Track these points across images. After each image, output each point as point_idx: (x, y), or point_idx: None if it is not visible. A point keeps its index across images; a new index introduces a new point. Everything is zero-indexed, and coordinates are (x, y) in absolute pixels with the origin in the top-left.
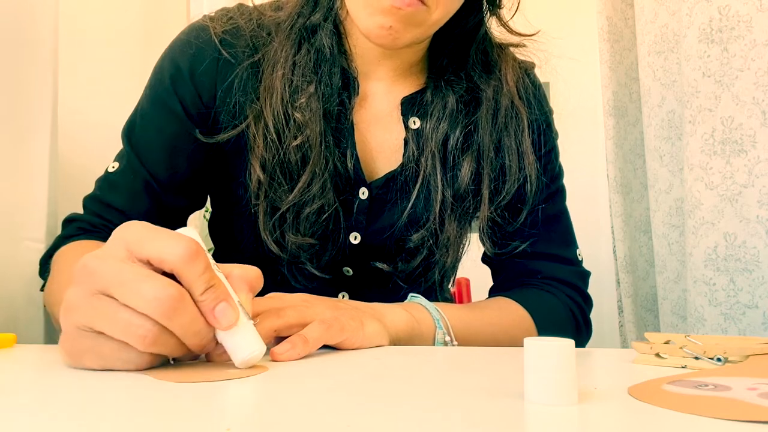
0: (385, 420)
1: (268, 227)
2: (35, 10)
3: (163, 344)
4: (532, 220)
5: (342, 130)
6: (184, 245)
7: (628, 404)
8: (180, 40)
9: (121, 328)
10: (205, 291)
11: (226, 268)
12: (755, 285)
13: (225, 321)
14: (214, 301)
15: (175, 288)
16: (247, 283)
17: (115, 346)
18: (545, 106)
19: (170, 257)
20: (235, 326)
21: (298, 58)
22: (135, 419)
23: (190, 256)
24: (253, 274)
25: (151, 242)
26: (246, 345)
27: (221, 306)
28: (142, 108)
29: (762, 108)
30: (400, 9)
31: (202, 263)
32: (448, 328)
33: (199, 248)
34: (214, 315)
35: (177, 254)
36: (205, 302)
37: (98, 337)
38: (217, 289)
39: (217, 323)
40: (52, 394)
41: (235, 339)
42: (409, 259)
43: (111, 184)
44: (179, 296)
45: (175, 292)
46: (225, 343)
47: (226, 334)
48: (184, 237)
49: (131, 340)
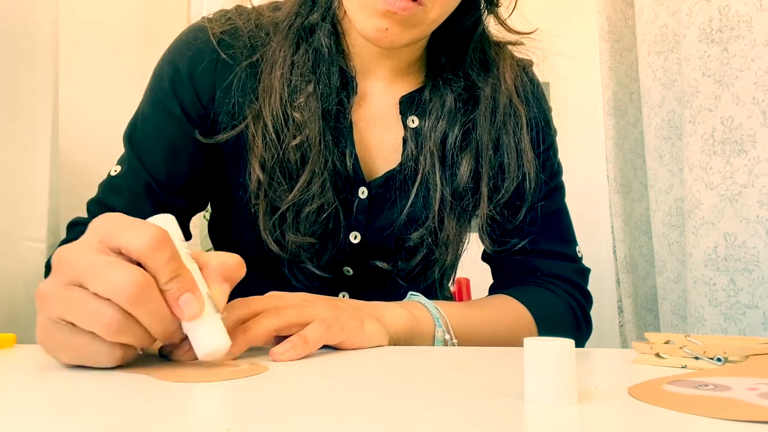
0: (385, 420)
1: (268, 227)
2: (36, 9)
3: (128, 333)
4: (532, 218)
5: (341, 129)
6: (149, 234)
7: (628, 404)
8: (178, 41)
9: (87, 317)
10: (170, 280)
11: (204, 258)
12: (755, 285)
13: (189, 311)
14: (179, 291)
15: (141, 275)
16: (222, 274)
17: (86, 340)
18: (543, 104)
19: (135, 245)
20: (200, 318)
21: (297, 58)
22: (135, 419)
23: (155, 245)
24: (231, 263)
25: (119, 231)
26: (210, 338)
27: (186, 296)
28: (142, 111)
29: (762, 108)
30: (395, 13)
31: (167, 252)
32: (448, 326)
33: (165, 237)
34: (178, 305)
35: (141, 243)
36: (169, 291)
37: (71, 329)
38: (182, 278)
39: (181, 313)
40: (52, 394)
41: (199, 331)
42: (409, 258)
43: (113, 187)
44: (145, 283)
45: (140, 278)
46: (189, 335)
47: (191, 325)
48: (151, 226)
49: (97, 329)
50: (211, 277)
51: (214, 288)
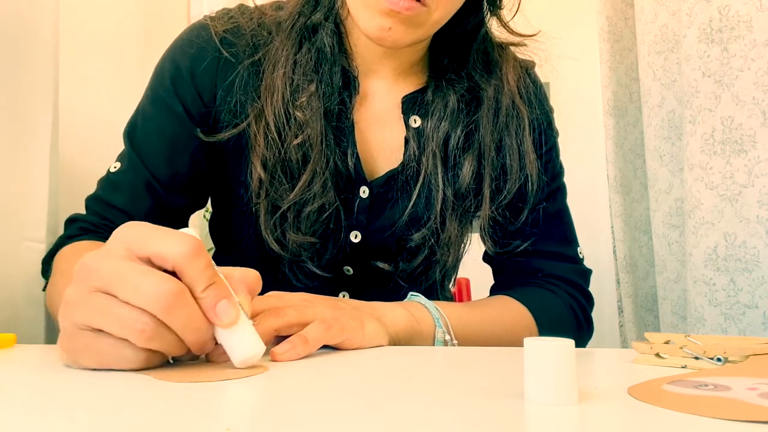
0: (385, 420)
1: (269, 226)
2: (36, 9)
3: (161, 340)
4: (533, 219)
5: (343, 128)
6: (186, 242)
7: (628, 404)
8: (180, 39)
9: (119, 324)
10: (207, 287)
11: (226, 270)
12: (755, 285)
13: (226, 318)
14: (216, 298)
15: (175, 283)
16: (246, 285)
17: (113, 343)
18: (546, 105)
19: (172, 254)
20: (235, 325)
21: (299, 57)
22: (135, 419)
23: (193, 253)
24: (252, 277)
25: (152, 240)
26: (246, 344)
27: (223, 303)
28: (143, 108)
29: (762, 108)
30: (399, 13)
31: (204, 260)
32: (448, 326)
33: (201, 246)
34: (215, 312)
35: (179, 251)
36: (206, 299)
37: (96, 334)
38: (218, 286)
39: (219, 320)
40: (52, 394)
41: (234, 338)
42: (410, 259)
43: (113, 184)
44: (179, 291)
45: (174, 286)
46: (224, 342)
47: (226, 332)
48: (186, 235)
49: (129, 335)
50: (238, 286)
51: (240, 296)
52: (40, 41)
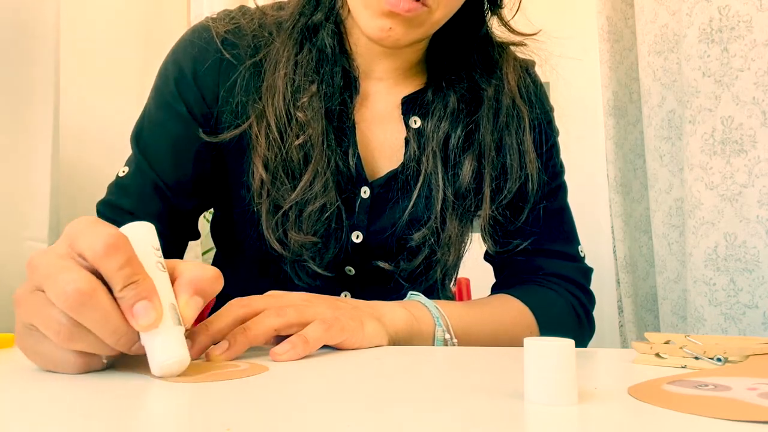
0: (385, 420)
1: (270, 226)
2: (37, 10)
3: (79, 340)
4: (534, 218)
5: (344, 129)
6: (102, 239)
7: (628, 404)
8: (183, 41)
9: (44, 323)
10: (124, 287)
11: (180, 268)
12: (755, 285)
13: (143, 320)
14: (134, 298)
15: (86, 281)
16: (194, 286)
17: (50, 346)
18: (546, 105)
19: (88, 251)
20: (157, 329)
21: (300, 57)
22: (135, 419)
23: (107, 250)
24: (207, 276)
25: (81, 236)
26: (165, 349)
27: (141, 304)
28: (148, 111)
29: (762, 108)
30: (399, 14)
31: (121, 258)
32: (448, 325)
33: (120, 243)
34: (132, 312)
35: (94, 248)
36: (123, 299)
37: (38, 334)
38: (139, 286)
39: (135, 322)
40: (51, 394)
41: (155, 342)
42: (411, 258)
43: (122, 188)
44: (88, 290)
45: (83, 285)
46: (146, 346)
47: (147, 336)
48: (110, 231)
49: (50, 335)
50: (182, 288)
51: (182, 299)
52: (41, 42)
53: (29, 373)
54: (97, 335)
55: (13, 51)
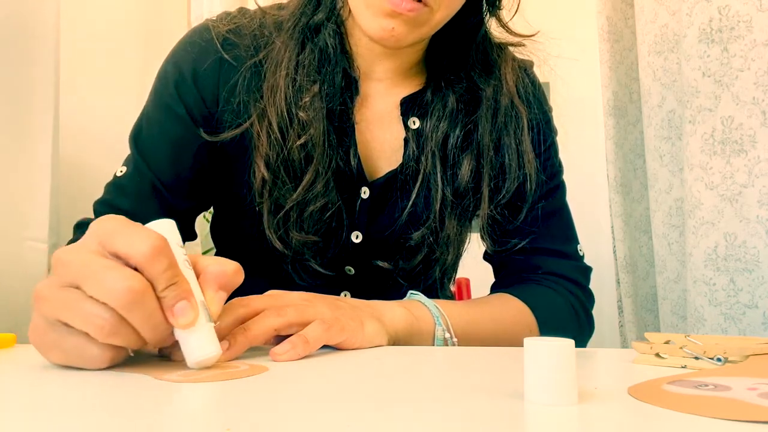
0: (385, 420)
1: (272, 225)
2: (37, 10)
3: (121, 335)
4: (533, 217)
5: (344, 129)
6: (149, 241)
7: (628, 404)
8: (183, 42)
9: (82, 318)
10: (166, 287)
11: (202, 264)
12: (755, 285)
13: (183, 319)
14: (175, 299)
15: (137, 280)
16: (218, 282)
17: (77, 342)
18: (544, 105)
19: (134, 253)
20: (192, 327)
21: (302, 57)
22: (135, 419)
23: (154, 253)
24: (229, 270)
25: (119, 237)
26: (200, 346)
27: (181, 304)
28: (147, 112)
29: (762, 108)
30: (401, 14)
31: (166, 260)
32: (448, 325)
33: (164, 245)
34: (173, 312)
35: (141, 250)
36: (165, 299)
37: (63, 330)
38: (179, 286)
39: (175, 321)
40: (52, 394)
41: (191, 339)
42: (410, 257)
43: (119, 188)
44: (140, 288)
45: (136, 284)
46: (181, 342)
47: (183, 333)
48: (151, 233)
49: (90, 330)
50: (207, 284)
51: (209, 295)
52: (41, 42)
53: (29, 373)
54: (137, 331)
55: (13, 51)
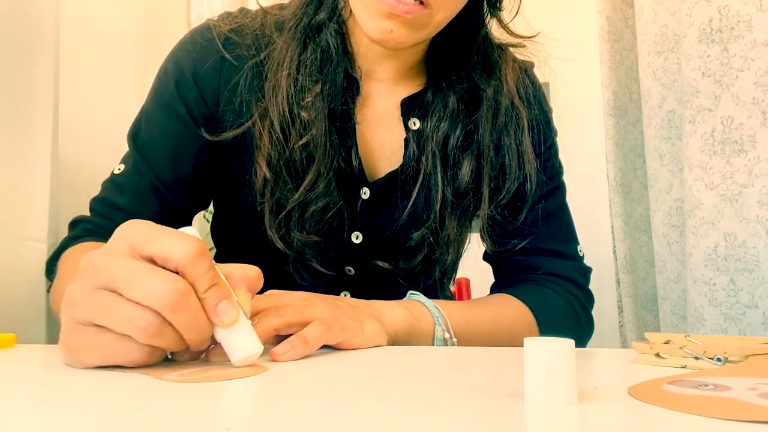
0: (385, 420)
1: (273, 225)
2: (36, 9)
3: (163, 337)
4: (533, 218)
5: (346, 129)
6: (191, 244)
7: (628, 404)
8: (184, 41)
9: (122, 321)
10: (208, 288)
11: (226, 268)
12: (755, 285)
13: (226, 318)
14: (217, 299)
15: (182, 282)
16: (246, 283)
17: (115, 338)
18: (544, 105)
19: (177, 255)
20: (234, 325)
21: (304, 57)
22: (135, 419)
23: (197, 254)
24: (252, 274)
25: (155, 240)
26: (244, 343)
27: (223, 303)
28: (147, 111)
29: (762, 108)
30: (399, 16)
31: (207, 261)
32: (448, 325)
33: (205, 248)
34: (216, 312)
35: (184, 252)
36: (208, 299)
37: (98, 330)
38: (220, 287)
39: (219, 320)
40: (52, 394)
41: (233, 337)
42: (410, 257)
43: (117, 186)
44: (185, 290)
45: (181, 286)
46: (223, 341)
47: (226, 332)
48: (189, 236)
49: (133, 332)
50: (237, 285)
51: (240, 295)
52: (40, 41)
53: (29, 373)
54: (180, 333)
55: (12, 50)
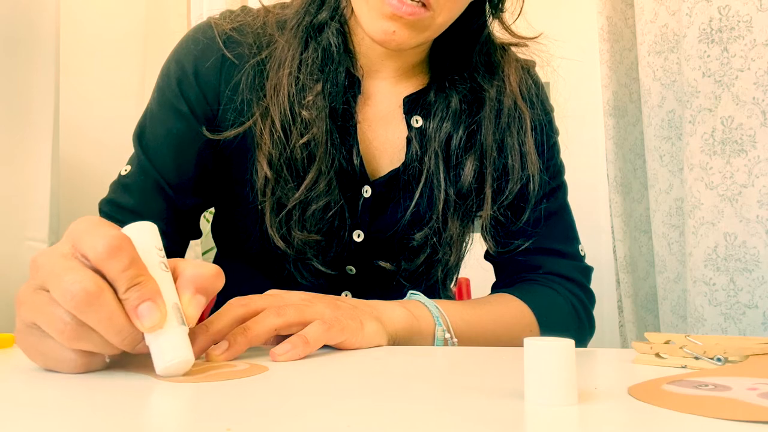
0: (385, 420)
1: (274, 224)
2: (37, 10)
3: (84, 339)
4: (535, 218)
5: (347, 128)
6: (105, 241)
7: (628, 404)
8: (185, 40)
9: (46, 322)
10: (128, 288)
11: (180, 267)
12: (755, 285)
13: (147, 321)
14: (138, 300)
15: (92, 282)
16: (196, 285)
17: (52, 345)
18: (546, 105)
19: (91, 252)
20: (161, 329)
21: (305, 56)
22: (135, 419)
23: (110, 252)
24: (208, 273)
25: (83, 238)
26: (170, 350)
27: (145, 305)
28: (150, 110)
29: (762, 108)
30: (401, 17)
31: (124, 260)
32: (448, 325)
33: (122, 244)
34: (136, 314)
35: (97, 250)
36: (127, 300)
37: (40, 334)
38: (143, 287)
39: (139, 323)
40: (51, 394)
41: (159, 343)
42: (412, 258)
43: (124, 186)
44: (95, 290)
45: (90, 285)
46: (150, 347)
47: (151, 336)
48: (112, 233)
49: (54, 334)
50: (184, 287)
51: (185, 298)
52: (41, 42)
53: (29, 373)
54: (101, 335)
55: (13, 51)
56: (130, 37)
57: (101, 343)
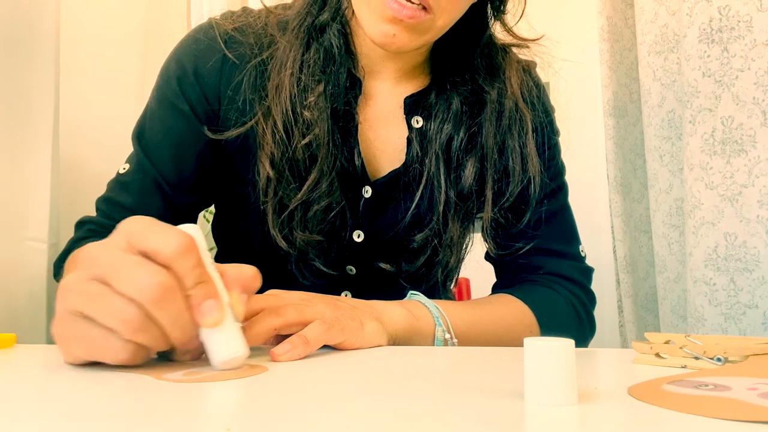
0: (385, 420)
1: (276, 224)
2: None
3: (146, 332)
4: (536, 220)
5: (348, 128)
6: (178, 239)
7: (628, 404)
8: (186, 39)
9: (108, 313)
10: (194, 285)
11: (223, 267)
12: (755, 285)
13: (210, 318)
14: (203, 297)
15: (167, 277)
16: (240, 283)
17: (101, 334)
18: (547, 106)
19: (164, 250)
20: (219, 326)
21: (307, 57)
22: (135, 419)
23: (183, 250)
24: (248, 273)
25: (148, 235)
26: (228, 345)
27: (209, 302)
28: (150, 109)
29: (762, 108)
30: (402, 20)
31: (194, 258)
32: (448, 325)
33: (193, 244)
34: (200, 310)
35: (170, 247)
36: (193, 297)
37: (87, 323)
38: (207, 285)
39: (203, 319)
40: (52, 394)
41: (217, 338)
42: (413, 259)
43: (122, 185)
44: (169, 285)
45: (165, 280)
46: (206, 342)
47: (210, 332)
48: (180, 232)
49: (116, 325)
50: (231, 285)
51: (233, 297)
52: (41, 42)
53: (29, 373)
54: (164, 329)
55: (13, 51)
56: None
57: (159, 337)
